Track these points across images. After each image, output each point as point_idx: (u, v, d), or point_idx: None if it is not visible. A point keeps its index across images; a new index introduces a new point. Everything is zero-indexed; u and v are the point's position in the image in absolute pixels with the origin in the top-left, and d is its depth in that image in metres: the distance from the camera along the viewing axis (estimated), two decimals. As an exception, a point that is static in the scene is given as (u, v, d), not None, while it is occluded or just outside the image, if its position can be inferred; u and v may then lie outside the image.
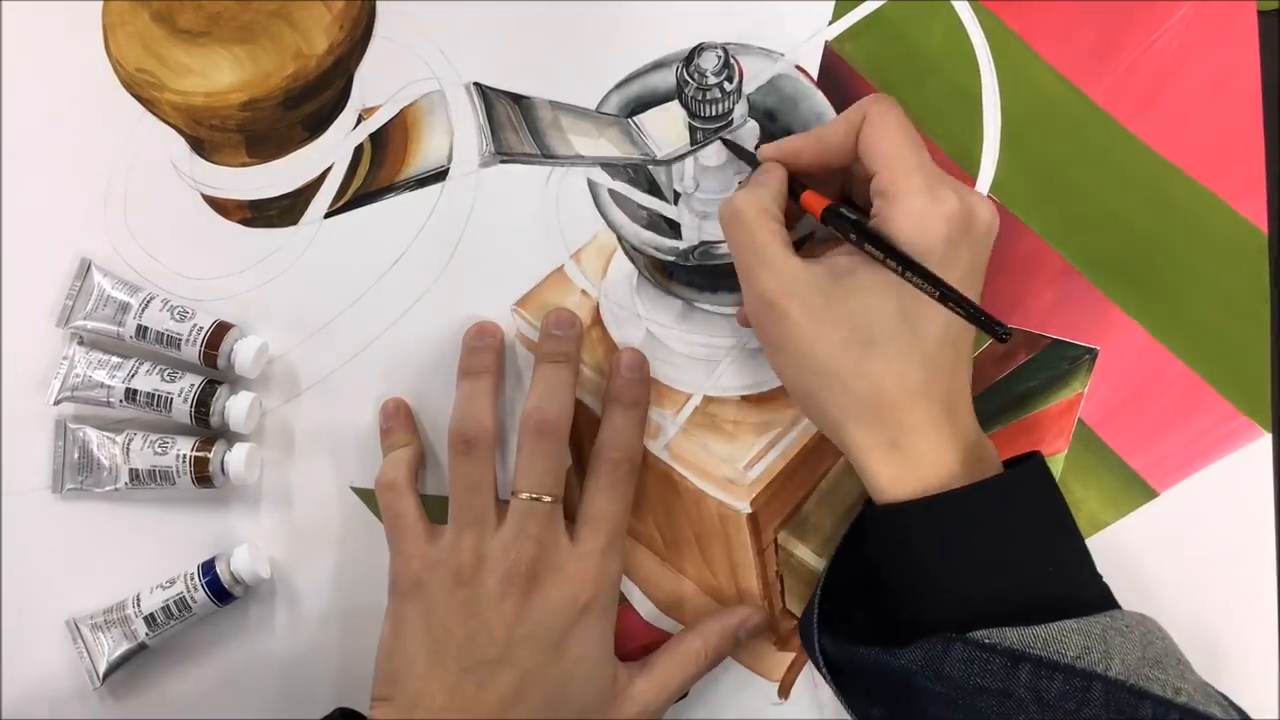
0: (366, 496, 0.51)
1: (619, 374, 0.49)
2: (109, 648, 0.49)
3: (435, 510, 0.49)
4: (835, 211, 0.42)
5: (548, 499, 0.45)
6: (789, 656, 0.50)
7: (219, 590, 0.49)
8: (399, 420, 0.50)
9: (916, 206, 0.40)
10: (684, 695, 0.48)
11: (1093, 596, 0.40)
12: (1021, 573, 0.39)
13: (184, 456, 0.50)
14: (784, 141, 0.45)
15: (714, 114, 0.46)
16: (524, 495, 0.45)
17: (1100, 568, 0.41)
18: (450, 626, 0.44)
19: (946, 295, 0.38)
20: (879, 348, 0.40)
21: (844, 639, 0.42)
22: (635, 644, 0.50)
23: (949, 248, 0.40)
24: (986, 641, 0.37)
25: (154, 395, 0.49)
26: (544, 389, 0.47)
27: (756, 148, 0.50)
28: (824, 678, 0.44)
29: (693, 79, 0.45)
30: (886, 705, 0.42)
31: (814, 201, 0.43)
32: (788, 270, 0.41)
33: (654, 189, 0.51)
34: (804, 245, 0.46)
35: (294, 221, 0.52)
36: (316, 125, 0.53)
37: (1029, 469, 0.41)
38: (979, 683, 0.37)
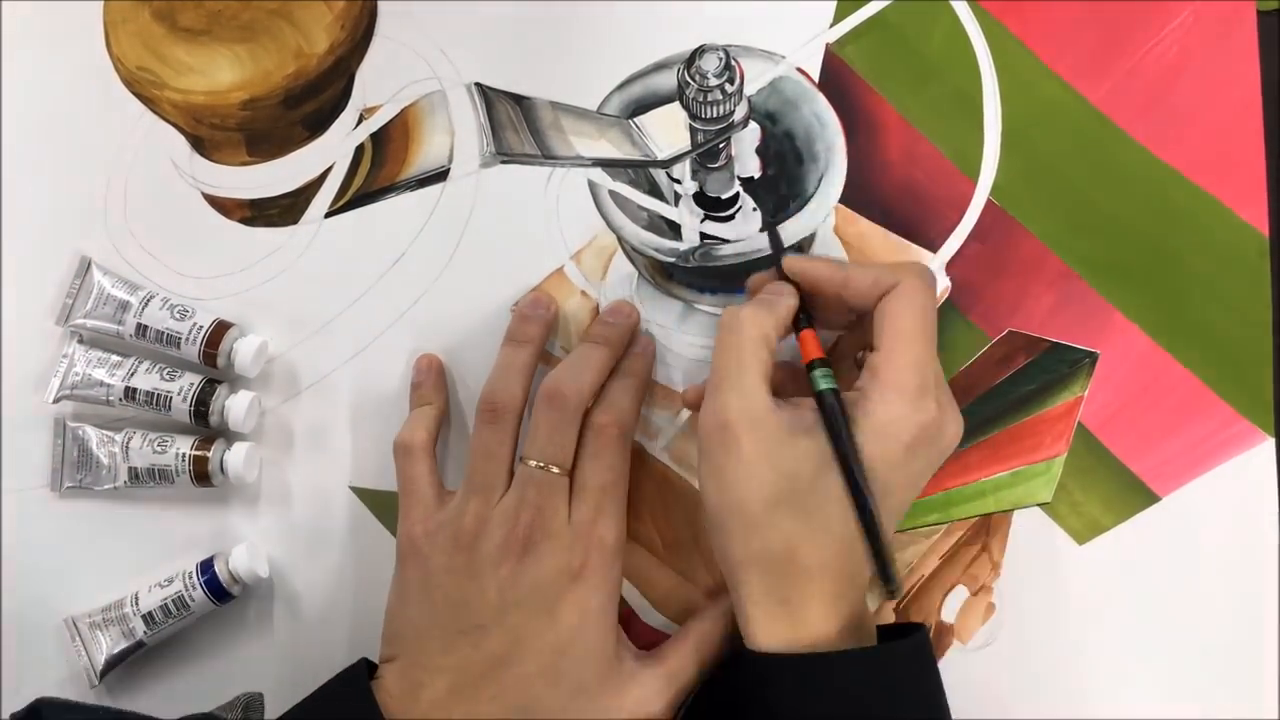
0: (366, 496, 0.51)
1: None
2: (107, 646, 0.49)
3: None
4: (814, 379, 0.42)
5: (554, 469, 0.45)
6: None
7: (217, 589, 0.49)
8: (429, 378, 0.50)
9: (895, 405, 0.41)
10: (682, 708, 0.48)
11: None
12: None
13: (183, 455, 0.50)
14: (812, 264, 0.45)
15: (715, 115, 0.46)
16: (531, 463, 0.45)
17: (1101, 574, 0.41)
18: (447, 589, 0.45)
19: (866, 527, 0.40)
20: (807, 516, 0.40)
21: None
22: (635, 644, 0.49)
23: (908, 454, 0.41)
24: None
25: (153, 394, 0.49)
26: (570, 363, 0.47)
27: (759, 147, 0.50)
28: None
29: (694, 80, 0.45)
30: None
31: (808, 348, 0.43)
32: (756, 403, 0.41)
33: (654, 190, 0.51)
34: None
35: (294, 221, 0.52)
36: (317, 124, 0.53)
37: (913, 643, 0.41)
38: None
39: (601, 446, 0.46)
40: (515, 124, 0.52)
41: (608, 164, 0.51)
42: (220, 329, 0.50)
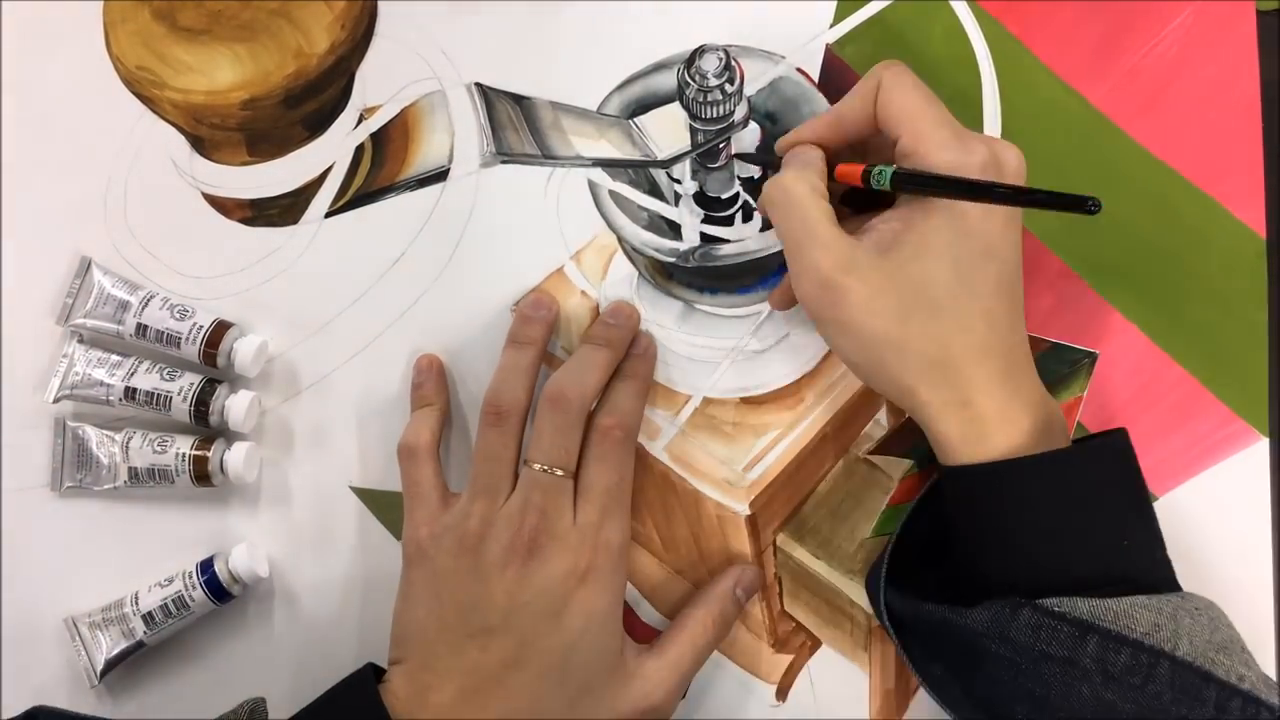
0: (365, 496, 0.51)
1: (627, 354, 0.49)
2: (107, 646, 0.49)
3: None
4: (884, 171, 0.42)
5: (558, 471, 0.45)
6: (787, 659, 0.50)
7: (217, 589, 0.49)
8: (430, 378, 0.50)
9: (948, 160, 0.41)
10: (682, 695, 0.48)
11: (1160, 578, 0.41)
12: (1094, 545, 0.40)
13: (183, 455, 0.50)
14: (802, 128, 0.46)
15: (715, 115, 0.46)
16: (535, 466, 0.45)
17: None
18: (454, 592, 0.45)
19: (1031, 197, 0.39)
20: (941, 310, 0.40)
21: (911, 595, 0.43)
22: (632, 639, 0.49)
23: None
24: (1056, 609, 0.38)
25: (153, 394, 0.49)
26: (572, 365, 0.47)
27: (758, 147, 0.50)
28: (887, 631, 0.45)
29: (694, 81, 0.45)
30: (948, 663, 0.42)
31: (851, 170, 0.43)
32: (842, 248, 0.41)
33: (654, 190, 0.51)
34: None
35: (294, 221, 0.52)
36: (317, 124, 0.53)
37: (1112, 444, 0.41)
38: (1045, 649, 0.38)
39: (607, 449, 0.46)
40: (515, 124, 0.52)
41: (608, 164, 0.51)
42: (220, 329, 0.50)
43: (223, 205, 0.53)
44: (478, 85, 0.52)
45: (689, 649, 0.46)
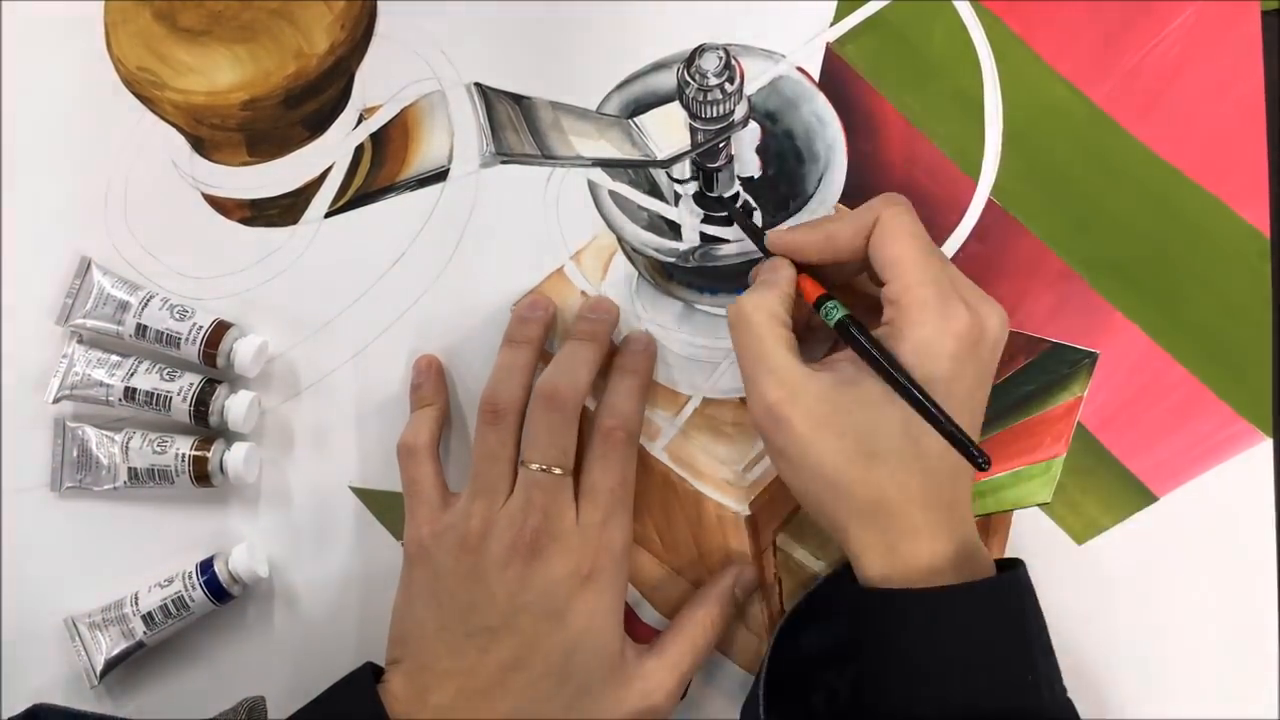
0: (365, 496, 0.51)
1: (623, 349, 0.49)
2: (107, 646, 0.49)
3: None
4: (828, 310, 0.42)
5: (557, 470, 0.45)
6: (787, 659, 0.50)
7: (217, 589, 0.49)
8: (429, 379, 0.50)
9: (926, 324, 0.40)
10: (684, 695, 0.48)
11: (1063, 715, 0.40)
12: (1004, 678, 0.39)
13: (183, 455, 0.50)
14: (792, 233, 0.45)
15: (715, 115, 0.46)
16: (532, 466, 0.45)
17: (1099, 573, 0.41)
18: (455, 592, 0.45)
19: (928, 414, 0.38)
20: (882, 460, 0.40)
21: None
22: (632, 640, 0.49)
23: (956, 365, 0.40)
24: None
25: (153, 394, 0.49)
26: (561, 362, 0.47)
27: (758, 146, 0.50)
28: None
29: (694, 80, 0.45)
30: None
31: (810, 288, 0.43)
32: (792, 379, 0.41)
33: (654, 190, 0.51)
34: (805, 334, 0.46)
35: (294, 221, 0.52)
36: (317, 124, 0.53)
37: (1018, 576, 0.41)
38: None
39: (609, 449, 0.46)
40: (515, 124, 0.52)
41: (608, 164, 0.51)
42: (220, 329, 0.50)
43: (223, 205, 0.53)
44: (478, 85, 0.52)
45: (689, 649, 0.46)
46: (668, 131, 0.51)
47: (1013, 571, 0.41)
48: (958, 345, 0.40)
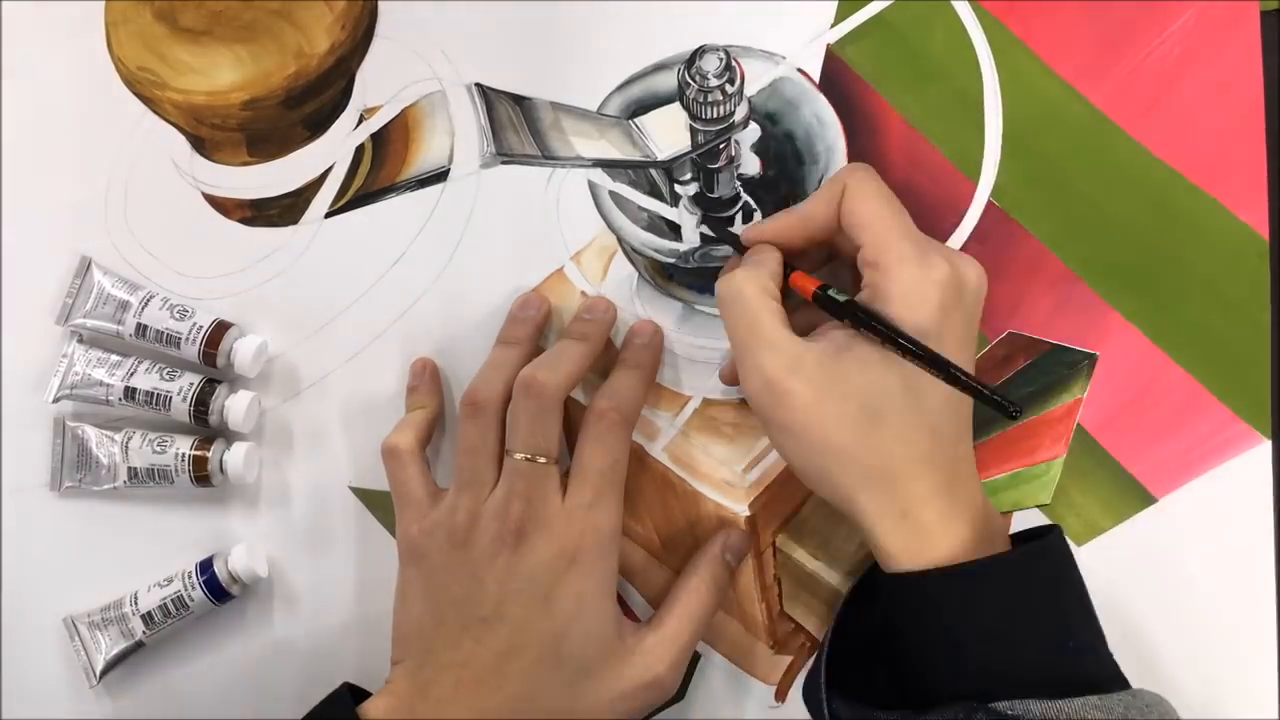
0: (365, 496, 0.51)
1: (628, 342, 0.49)
2: (106, 646, 0.50)
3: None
4: (831, 298, 0.42)
5: (541, 459, 0.45)
6: (786, 660, 0.50)
7: (217, 589, 0.49)
8: (424, 381, 0.50)
9: (908, 276, 0.40)
10: (681, 696, 0.49)
11: (1108, 675, 0.40)
12: (1041, 648, 0.39)
13: (183, 455, 0.50)
14: (767, 223, 0.45)
15: (715, 116, 0.46)
16: (516, 455, 0.45)
17: (1099, 574, 0.41)
18: (448, 586, 0.45)
19: (952, 376, 0.39)
20: (886, 421, 0.40)
21: (858, 701, 0.42)
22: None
23: (943, 315, 0.40)
24: (1010, 713, 0.37)
25: (153, 394, 0.49)
26: (545, 357, 0.47)
27: (758, 147, 0.50)
28: None
29: (694, 81, 0.45)
30: None
31: (805, 283, 0.43)
32: (790, 350, 0.41)
33: (655, 191, 0.51)
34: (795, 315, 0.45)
35: (294, 221, 0.52)
36: (318, 125, 0.53)
37: (1051, 545, 0.41)
38: None
39: (603, 430, 0.46)
40: (515, 124, 0.52)
41: (608, 164, 0.51)
42: (220, 329, 0.50)
43: (223, 205, 0.53)
44: (478, 85, 0.52)
45: (686, 619, 0.46)
46: (668, 132, 0.51)
47: (1041, 540, 0.41)
48: (942, 294, 0.40)
